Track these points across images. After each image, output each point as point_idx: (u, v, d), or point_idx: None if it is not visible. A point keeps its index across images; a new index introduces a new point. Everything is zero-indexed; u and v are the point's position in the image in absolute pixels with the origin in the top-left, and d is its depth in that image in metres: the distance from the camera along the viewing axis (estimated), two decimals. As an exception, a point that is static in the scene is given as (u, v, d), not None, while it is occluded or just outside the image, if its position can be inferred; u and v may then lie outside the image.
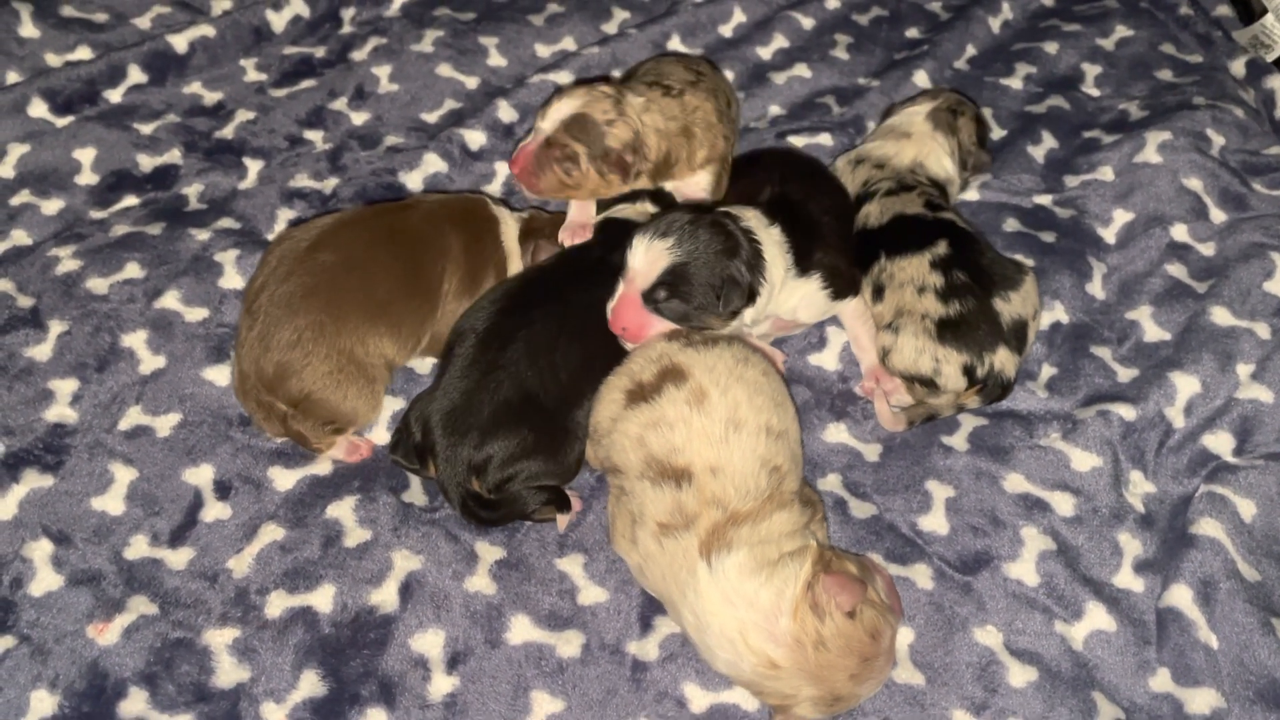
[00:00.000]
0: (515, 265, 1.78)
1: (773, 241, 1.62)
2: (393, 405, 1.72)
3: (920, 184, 1.89)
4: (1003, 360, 1.68)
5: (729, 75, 2.34)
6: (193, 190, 2.02)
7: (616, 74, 2.29)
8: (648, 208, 1.82)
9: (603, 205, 1.83)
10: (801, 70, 2.36)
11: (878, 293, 1.75)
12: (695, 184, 1.84)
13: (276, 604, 1.46)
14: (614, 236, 1.69)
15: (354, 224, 1.68)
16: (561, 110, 1.71)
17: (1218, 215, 2.03)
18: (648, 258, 1.54)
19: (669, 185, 1.85)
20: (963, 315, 1.68)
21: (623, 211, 1.80)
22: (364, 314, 1.59)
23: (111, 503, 1.56)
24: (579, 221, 1.78)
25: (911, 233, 1.78)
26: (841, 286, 1.72)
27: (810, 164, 1.98)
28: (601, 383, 1.56)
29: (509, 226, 1.80)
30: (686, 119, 1.79)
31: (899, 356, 1.70)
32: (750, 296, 1.57)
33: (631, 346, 1.57)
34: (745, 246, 1.56)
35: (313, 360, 1.55)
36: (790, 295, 1.67)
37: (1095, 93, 2.35)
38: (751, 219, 1.63)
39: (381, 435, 1.69)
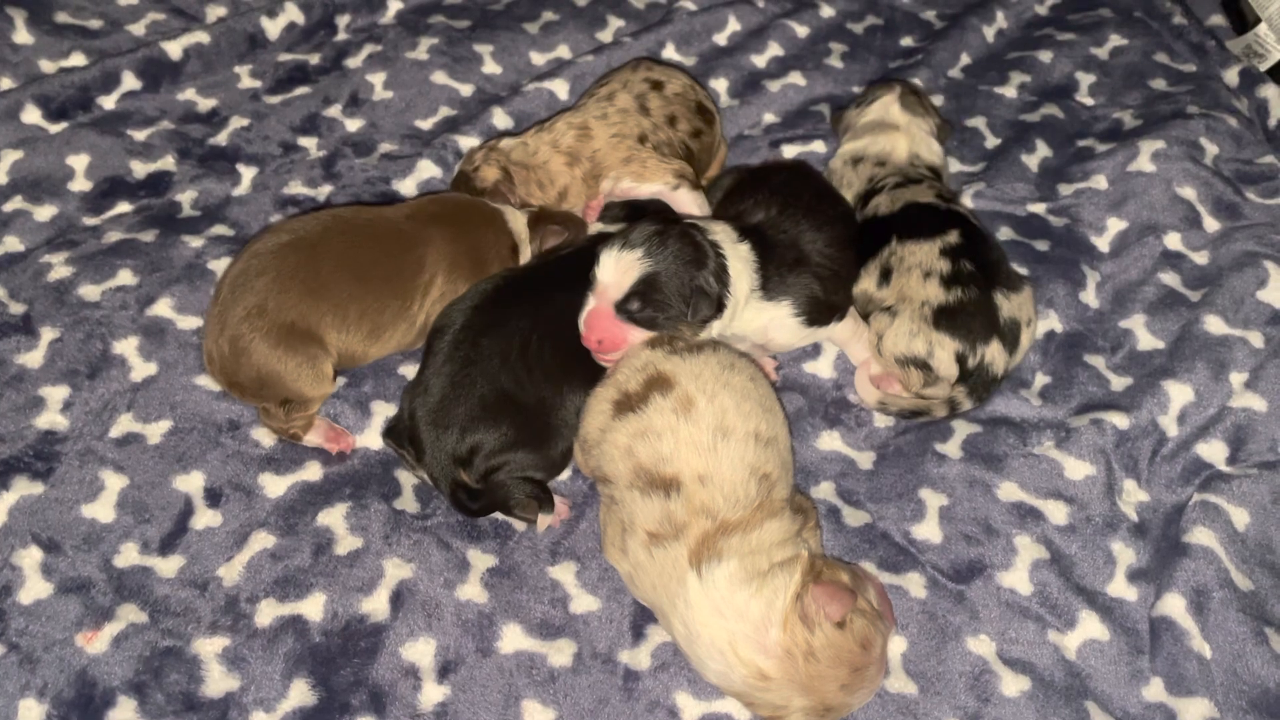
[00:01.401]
0: (527, 252, 1.82)
1: (739, 257, 1.62)
2: (387, 409, 1.71)
3: (925, 176, 1.92)
4: (993, 354, 1.69)
5: (723, 83, 2.35)
6: (186, 197, 2.02)
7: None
8: None
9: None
10: (796, 79, 2.36)
11: (885, 276, 1.76)
12: (640, 191, 1.91)
13: (267, 612, 1.46)
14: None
15: (321, 214, 1.72)
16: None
17: (1211, 224, 2.03)
18: (618, 269, 1.53)
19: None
20: (962, 303, 1.69)
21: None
22: (304, 289, 1.61)
23: (102, 510, 1.55)
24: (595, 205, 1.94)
25: (924, 219, 1.80)
26: (817, 313, 1.70)
27: (818, 190, 1.89)
28: (584, 380, 1.57)
29: (515, 216, 1.82)
30: (554, 144, 1.91)
31: (892, 340, 1.70)
32: (719, 307, 1.57)
33: (606, 359, 1.57)
34: (712, 258, 1.57)
35: (256, 336, 1.57)
36: (757, 316, 1.66)
37: (1089, 101, 2.35)
38: (719, 232, 1.62)
39: (369, 439, 1.69)
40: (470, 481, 1.53)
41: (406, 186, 2.07)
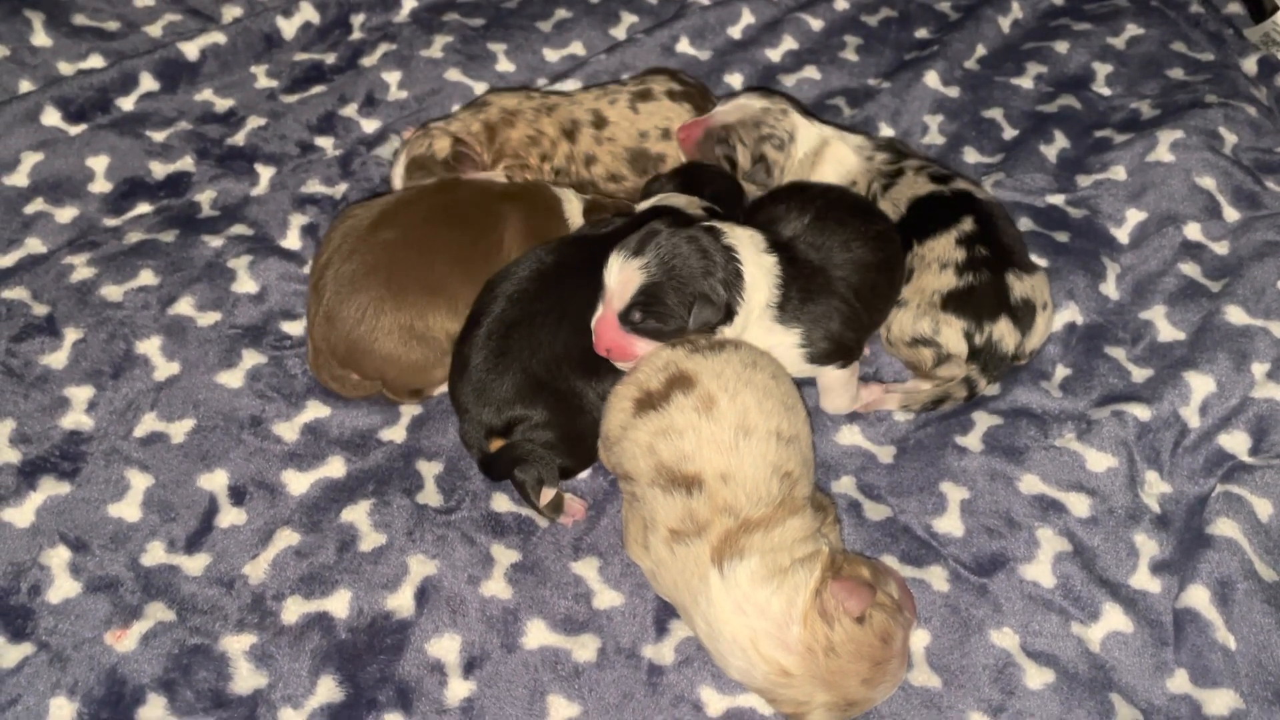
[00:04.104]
0: None
1: (761, 266, 1.57)
2: (413, 408, 1.73)
3: (898, 165, 1.89)
4: (1002, 331, 1.69)
5: (738, 77, 2.35)
6: (205, 197, 2.03)
7: (625, 77, 2.29)
8: (696, 200, 1.79)
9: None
10: (811, 72, 2.36)
11: (907, 277, 1.77)
12: None
13: (293, 609, 1.47)
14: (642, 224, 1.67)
15: (412, 202, 1.74)
16: (397, 169, 1.95)
17: (1231, 214, 2.02)
18: (621, 278, 1.50)
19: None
20: (971, 287, 1.70)
21: (672, 200, 1.79)
22: (422, 289, 1.65)
23: (128, 509, 1.57)
24: None
25: (935, 213, 1.79)
26: (822, 352, 1.63)
27: (855, 205, 1.78)
28: (613, 370, 1.57)
29: (573, 204, 1.84)
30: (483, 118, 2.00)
31: (899, 326, 1.73)
32: (728, 314, 1.54)
33: (623, 366, 1.56)
34: (721, 264, 1.52)
35: (379, 335, 1.62)
36: (765, 336, 1.60)
37: (1107, 92, 2.34)
38: (742, 238, 1.58)
39: (394, 434, 1.70)
40: (508, 441, 1.56)
41: (424, 184, 2.07)
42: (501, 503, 1.61)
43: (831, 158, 1.91)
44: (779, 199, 1.78)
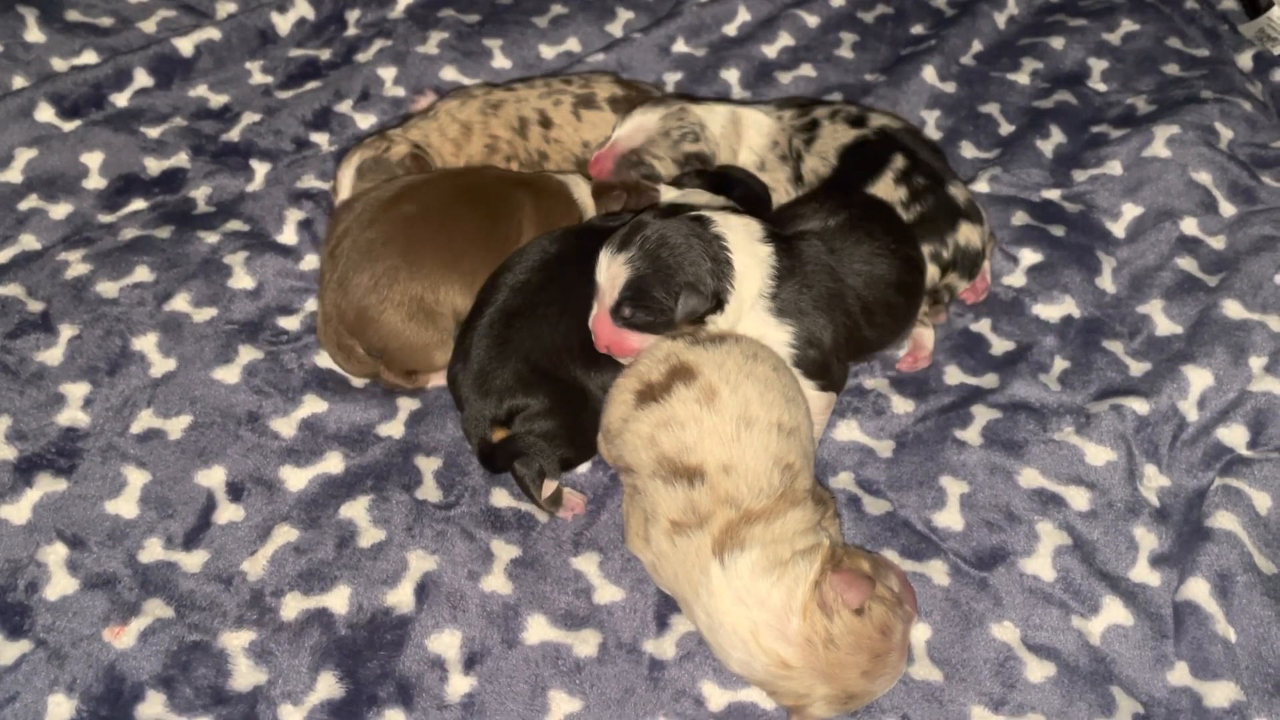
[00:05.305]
0: None
1: (753, 255, 1.55)
2: (412, 403, 1.72)
3: (814, 118, 1.91)
4: (967, 234, 1.78)
5: (734, 74, 2.35)
6: (200, 193, 2.02)
7: (624, 76, 2.29)
8: (720, 200, 1.77)
9: None
10: (807, 69, 2.36)
11: None
12: None
13: (292, 606, 1.46)
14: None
15: (436, 181, 1.76)
16: (345, 174, 1.86)
17: (1227, 209, 2.03)
18: (609, 274, 1.50)
19: None
20: (922, 215, 1.78)
21: (691, 197, 1.77)
22: (438, 262, 1.65)
23: (125, 506, 1.56)
24: None
25: (865, 159, 1.83)
26: (811, 361, 1.59)
27: (889, 222, 1.74)
28: (613, 363, 1.57)
29: (581, 187, 1.84)
30: (440, 130, 1.96)
31: None
32: (718, 303, 1.53)
33: (624, 361, 1.56)
34: (706, 254, 1.50)
35: (387, 306, 1.62)
36: (761, 327, 1.58)
37: (1102, 87, 2.35)
38: (735, 227, 1.55)
39: (393, 429, 1.69)
40: (505, 433, 1.55)
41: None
42: (501, 498, 1.60)
43: (749, 123, 1.94)
44: (814, 197, 1.77)
